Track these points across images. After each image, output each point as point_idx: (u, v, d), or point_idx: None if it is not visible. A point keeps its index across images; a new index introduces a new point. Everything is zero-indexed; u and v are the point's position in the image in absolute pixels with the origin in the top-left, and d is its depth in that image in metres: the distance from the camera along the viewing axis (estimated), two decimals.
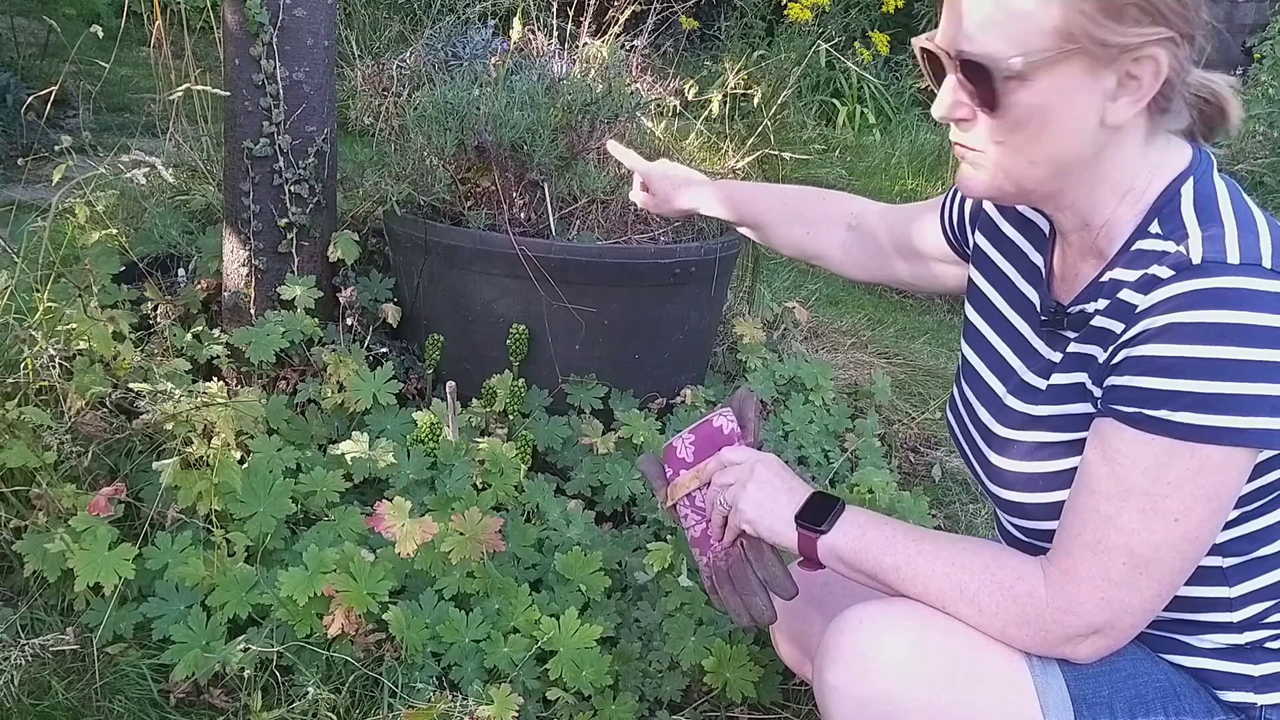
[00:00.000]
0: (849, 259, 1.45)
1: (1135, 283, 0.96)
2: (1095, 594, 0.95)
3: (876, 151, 4.52)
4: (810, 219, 1.48)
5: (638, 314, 2.15)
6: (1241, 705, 1.02)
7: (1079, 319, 1.03)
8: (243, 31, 1.98)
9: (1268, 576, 1.00)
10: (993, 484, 1.10)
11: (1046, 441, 1.03)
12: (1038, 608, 0.97)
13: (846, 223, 1.45)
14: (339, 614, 1.49)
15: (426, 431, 1.89)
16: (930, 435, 2.65)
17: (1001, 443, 1.08)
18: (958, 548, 1.03)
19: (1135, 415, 0.92)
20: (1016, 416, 1.07)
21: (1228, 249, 0.91)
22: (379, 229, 2.33)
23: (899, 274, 1.40)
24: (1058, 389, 1.03)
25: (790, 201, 1.51)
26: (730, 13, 4.97)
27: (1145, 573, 0.93)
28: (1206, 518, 0.92)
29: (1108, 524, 0.94)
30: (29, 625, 1.57)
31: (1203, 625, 1.03)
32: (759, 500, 1.12)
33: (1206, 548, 0.95)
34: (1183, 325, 0.89)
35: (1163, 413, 0.90)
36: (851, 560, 1.07)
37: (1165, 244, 0.95)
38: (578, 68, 2.38)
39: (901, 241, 1.37)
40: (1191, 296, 0.90)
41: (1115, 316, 0.97)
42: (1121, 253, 0.99)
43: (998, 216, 1.20)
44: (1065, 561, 0.96)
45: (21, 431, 1.62)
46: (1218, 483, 0.91)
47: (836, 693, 1.02)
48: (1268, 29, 4.43)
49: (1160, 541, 0.92)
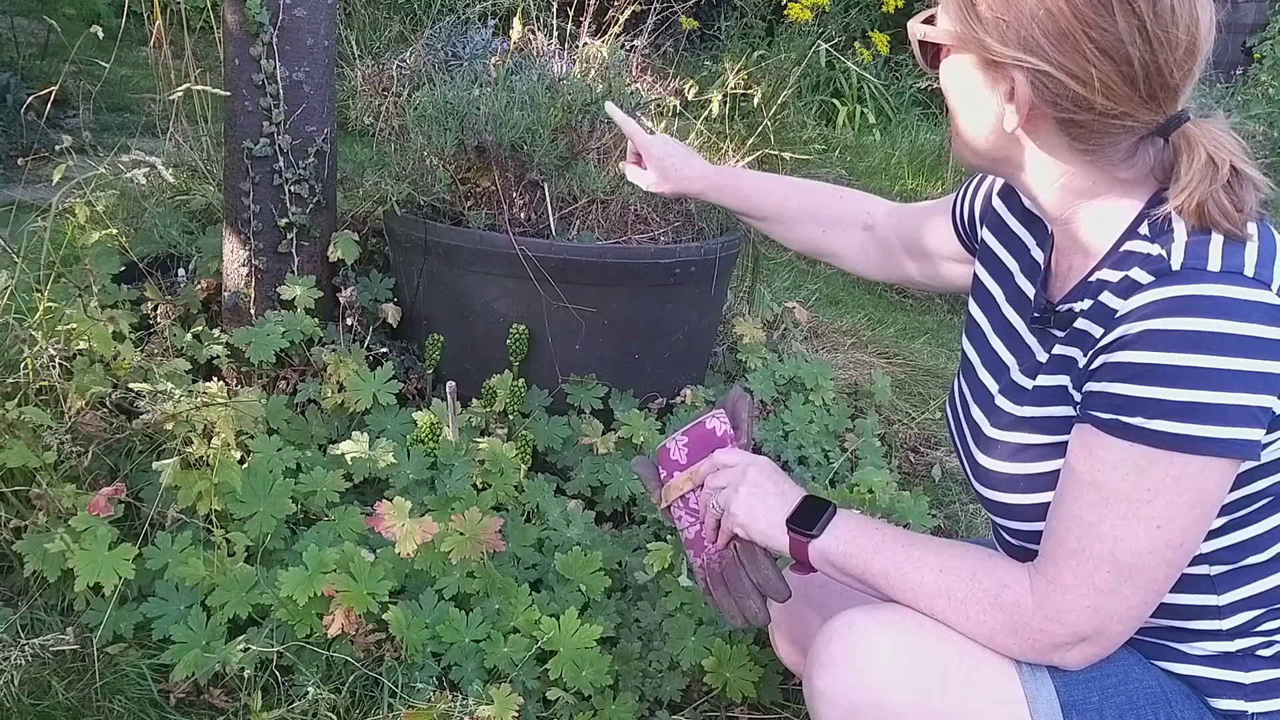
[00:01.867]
0: (864, 259, 1.45)
1: (1116, 285, 0.95)
2: (1081, 602, 0.94)
3: (876, 151, 4.51)
4: (826, 218, 1.47)
5: (638, 314, 2.15)
6: (1233, 713, 1.02)
7: (1065, 318, 1.02)
8: (243, 31, 1.98)
9: (1256, 585, 1.00)
10: (979, 484, 1.10)
11: (1030, 443, 1.03)
12: (1024, 616, 0.97)
13: (862, 222, 1.45)
14: (339, 614, 1.49)
15: (426, 431, 1.89)
16: (930, 435, 2.65)
17: (988, 443, 1.08)
18: (946, 554, 1.03)
19: (1112, 422, 0.91)
20: (1004, 417, 1.07)
21: (1209, 255, 0.90)
22: (379, 229, 2.33)
23: (909, 273, 1.40)
24: (1042, 390, 1.03)
25: (802, 197, 1.49)
26: (730, 13, 4.97)
27: (1130, 580, 0.93)
28: (1190, 524, 0.92)
29: (1091, 531, 0.93)
30: (29, 625, 1.57)
31: (1192, 633, 1.02)
32: (750, 504, 1.12)
33: (1191, 554, 0.95)
34: (1159, 332, 0.89)
35: (1138, 420, 0.90)
36: (841, 565, 1.07)
37: (1151, 246, 0.94)
38: (578, 68, 2.38)
39: (911, 241, 1.37)
40: (1168, 303, 0.89)
41: (1095, 320, 0.97)
42: (1111, 252, 0.99)
43: (1005, 212, 1.20)
44: (1051, 570, 0.96)
45: (21, 431, 1.62)
46: (1199, 490, 0.90)
47: (826, 698, 1.02)
48: (1268, 29, 4.43)
49: (1144, 549, 0.92)
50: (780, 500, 1.12)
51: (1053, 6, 0.90)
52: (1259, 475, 0.95)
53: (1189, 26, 0.90)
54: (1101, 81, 0.91)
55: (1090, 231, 1.01)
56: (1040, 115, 0.96)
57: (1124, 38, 0.89)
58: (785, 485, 1.14)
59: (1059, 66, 0.91)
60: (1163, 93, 0.92)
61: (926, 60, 1.04)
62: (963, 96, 1.02)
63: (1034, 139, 0.99)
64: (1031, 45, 0.92)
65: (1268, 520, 0.98)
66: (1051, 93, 0.93)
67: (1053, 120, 0.96)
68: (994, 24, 0.94)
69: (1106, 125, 0.94)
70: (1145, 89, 0.91)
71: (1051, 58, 0.92)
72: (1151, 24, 0.89)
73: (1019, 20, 0.92)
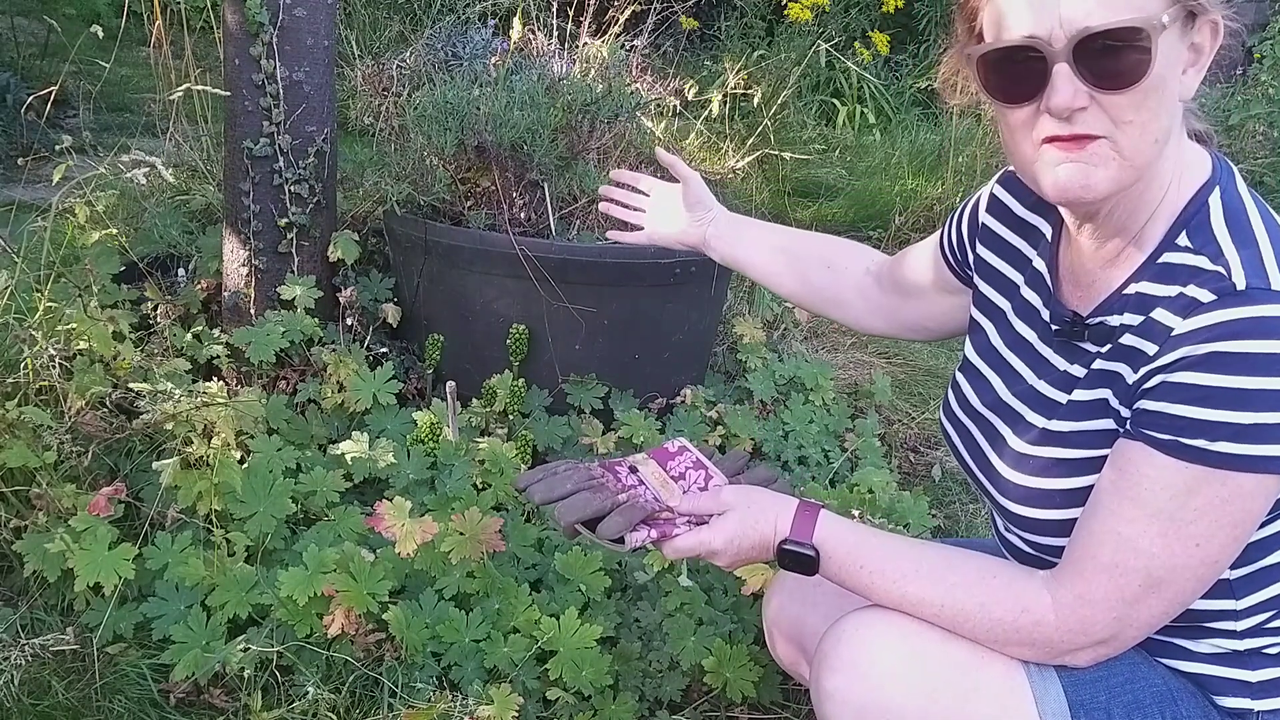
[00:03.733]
0: (867, 305, 1.40)
1: (1170, 302, 0.93)
2: (1109, 615, 0.94)
3: (876, 151, 4.51)
4: (833, 260, 1.43)
5: (638, 314, 2.15)
6: (1238, 711, 1.02)
7: (1102, 332, 1.00)
8: (243, 31, 1.98)
9: (1274, 587, 0.99)
10: (1002, 497, 1.08)
11: (1064, 458, 1.02)
12: (1045, 633, 0.97)
13: (865, 266, 1.41)
14: (339, 614, 1.49)
15: (426, 431, 1.89)
16: (930, 435, 2.65)
17: (1017, 457, 1.06)
18: (944, 587, 1.01)
19: (1170, 443, 0.90)
20: (1033, 431, 1.05)
21: (1270, 274, 0.89)
22: (379, 229, 2.33)
23: (906, 316, 1.37)
24: (1079, 405, 1.01)
25: (813, 239, 1.46)
26: (730, 13, 4.97)
27: (1158, 592, 0.93)
28: (1228, 543, 0.91)
29: (1127, 546, 0.92)
30: (29, 625, 1.57)
31: (1204, 632, 1.02)
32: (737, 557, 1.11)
33: (1222, 570, 0.95)
34: (1227, 355, 0.87)
35: (1200, 442, 0.88)
36: (838, 581, 1.07)
37: (1198, 259, 0.93)
38: (578, 68, 2.39)
39: (904, 279, 1.35)
40: (1236, 325, 0.87)
41: (1147, 337, 0.94)
42: (1148, 264, 0.97)
43: (998, 225, 1.18)
44: (1079, 585, 0.95)
45: (22, 431, 1.62)
46: (1244, 510, 0.90)
47: (834, 700, 1.02)
48: (1268, 29, 4.42)
49: (1179, 565, 0.92)
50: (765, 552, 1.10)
51: None
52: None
53: None
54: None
55: (1129, 236, 0.98)
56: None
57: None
58: (766, 532, 1.09)
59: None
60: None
61: (1131, 73, 0.88)
62: (1165, 82, 0.90)
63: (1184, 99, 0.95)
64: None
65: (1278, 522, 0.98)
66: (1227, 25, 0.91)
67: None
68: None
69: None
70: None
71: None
72: None
73: None
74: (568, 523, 1.08)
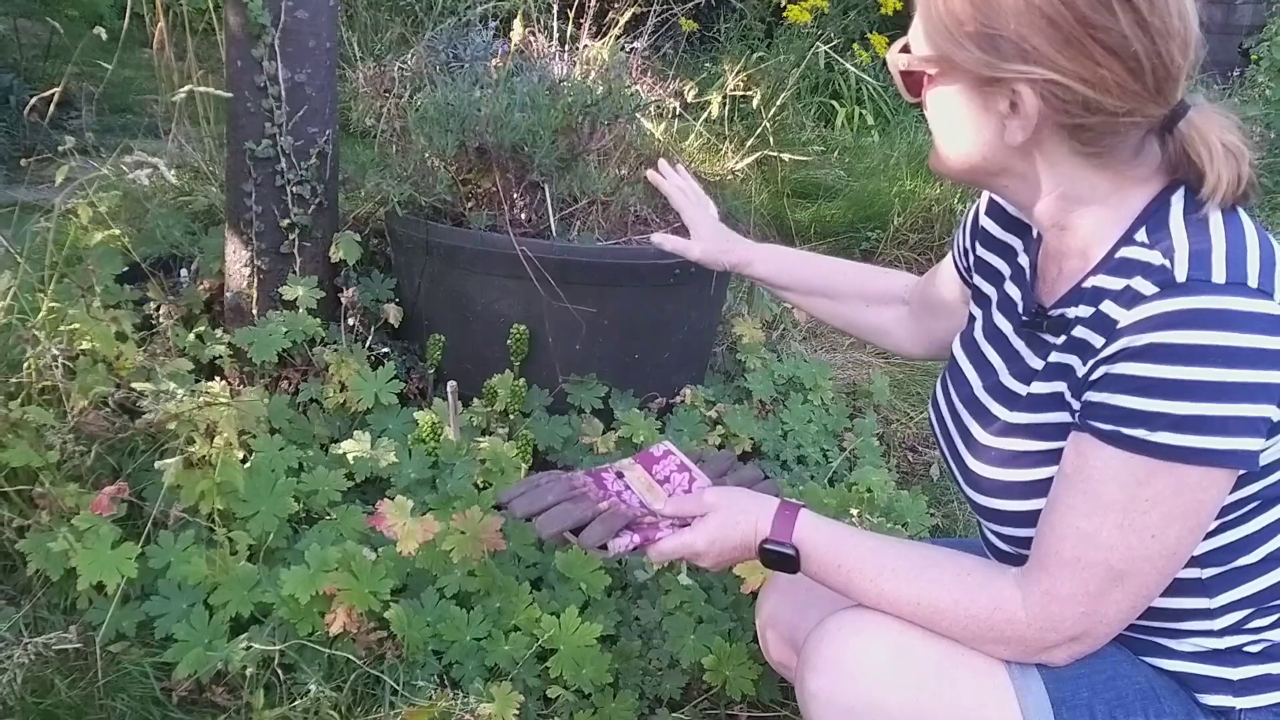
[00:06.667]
0: (905, 332, 1.43)
1: (1118, 295, 0.94)
2: (1076, 609, 0.95)
3: (875, 153, 4.51)
4: (870, 294, 1.45)
5: (638, 314, 2.16)
6: (1221, 709, 1.03)
7: (1059, 323, 1.02)
8: (245, 33, 1.99)
9: (1247, 586, 1.00)
10: (969, 488, 1.10)
11: (1024, 450, 1.03)
12: (1017, 630, 0.98)
13: (900, 297, 1.44)
14: (341, 612, 1.50)
15: (428, 431, 1.90)
16: (928, 434, 2.66)
17: (980, 448, 1.08)
18: (920, 584, 1.02)
19: (1113, 433, 0.91)
20: (996, 422, 1.07)
21: (1213, 266, 0.90)
22: (380, 230, 2.34)
23: (939, 335, 1.38)
24: (1037, 397, 1.03)
25: (849, 272, 1.48)
26: (729, 15, 4.97)
27: (1121, 585, 0.94)
28: (1185, 534, 0.92)
29: (1087, 541, 0.93)
30: (32, 624, 1.58)
31: (1183, 632, 1.03)
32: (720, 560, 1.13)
33: (1184, 562, 0.95)
34: (1164, 345, 0.88)
35: (1140, 432, 0.90)
36: (817, 577, 1.08)
37: (1150, 254, 0.94)
38: (578, 69, 2.40)
39: (931, 297, 1.37)
40: (1174, 316, 0.88)
41: (1096, 329, 0.96)
42: (1106, 258, 0.99)
43: (994, 226, 1.20)
44: (1046, 581, 0.96)
45: (25, 431, 1.63)
46: (1196, 500, 0.91)
47: (819, 700, 1.03)
48: (1264, 31, 4.44)
49: (1138, 556, 0.92)
50: (748, 552, 1.11)
51: (1054, 14, 0.90)
52: (1252, 479, 0.95)
53: (1180, 12, 0.91)
54: (1114, 82, 0.91)
55: (1086, 236, 1.01)
56: (1046, 124, 0.96)
57: (1127, 34, 0.90)
58: (747, 535, 1.10)
59: (1069, 73, 0.91)
60: (1167, 84, 0.92)
61: (909, 90, 1.04)
62: (954, 119, 1.01)
63: (1037, 148, 0.99)
64: (1034, 56, 0.92)
65: (1257, 521, 0.98)
66: (1061, 100, 0.93)
67: (1058, 127, 0.96)
68: (988, 41, 0.94)
69: (1115, 125, 0.94)
70: (1152, 82, 0.92)
71: (1061, 65, 0.91)
72: (1148, 14, 0.90)
73: (1017, 33, 0.92)
74: (549, 534, 1.11)
